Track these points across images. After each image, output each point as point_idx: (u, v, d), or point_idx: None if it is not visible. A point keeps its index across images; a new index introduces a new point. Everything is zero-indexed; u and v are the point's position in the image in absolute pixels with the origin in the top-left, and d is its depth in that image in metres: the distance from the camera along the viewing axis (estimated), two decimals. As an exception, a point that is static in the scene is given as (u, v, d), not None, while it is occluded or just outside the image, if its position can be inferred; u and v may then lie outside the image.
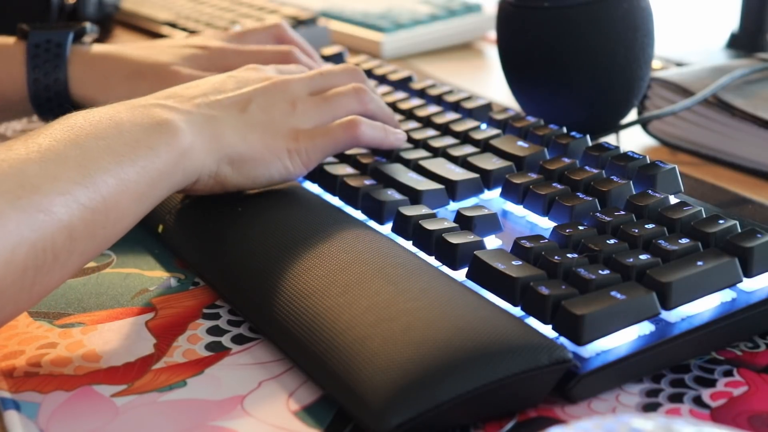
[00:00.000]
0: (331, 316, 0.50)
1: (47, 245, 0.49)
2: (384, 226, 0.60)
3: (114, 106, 0.57)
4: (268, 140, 0.61)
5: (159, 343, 0.55)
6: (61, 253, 0.50)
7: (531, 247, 0.53)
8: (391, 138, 0.65)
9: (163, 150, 0.55)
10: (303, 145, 0.62)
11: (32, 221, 0.48)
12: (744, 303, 0.51)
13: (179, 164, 0.56)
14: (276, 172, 0.62)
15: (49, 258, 0.49)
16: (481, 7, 1.16)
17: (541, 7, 0.72)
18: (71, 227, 0.50)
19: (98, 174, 0.52)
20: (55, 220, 0.49)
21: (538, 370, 0.46)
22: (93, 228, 0.51)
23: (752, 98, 0.76)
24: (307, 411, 0.49)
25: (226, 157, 0.59)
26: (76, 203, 0.50)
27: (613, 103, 0.74)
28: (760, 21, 0.94)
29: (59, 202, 0.49)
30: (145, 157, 0.54)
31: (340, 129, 0.63)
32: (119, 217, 0.53)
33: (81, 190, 0.50)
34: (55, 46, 0.76)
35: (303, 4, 1.22)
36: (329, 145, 0.63)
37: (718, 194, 0.68)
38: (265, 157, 0.61)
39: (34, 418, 0.48)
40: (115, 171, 0.52)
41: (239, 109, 0.61)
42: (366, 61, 0.87)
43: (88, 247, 0.52)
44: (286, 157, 0.62)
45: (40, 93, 0.75)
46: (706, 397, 0.49)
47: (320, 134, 0.63)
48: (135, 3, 1.27)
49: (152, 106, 0.58)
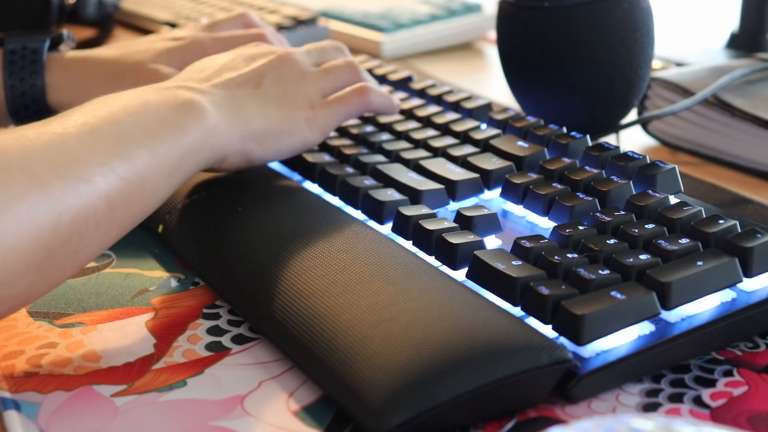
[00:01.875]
0: (331, 316, 0.50)
1: (90, 213, 0.51)
2: (384, 226, 0.60)
3: (140, 89, 0.60)
4: (287, 112, 0.64)
5: (159, 343, 0.55)
6: (102, 221, 0.52)
7: (531, 247, 0.53)
8: (395, 105, 0.70)
9: (191, 128, 0.57)
10: (320, 112, 0.65)
11: (75, 190, 0.50)
12: (744, 303, 0.50)
13: (206, 142, 0.58)
14: (297, 142, 0.64)
15: (91, 226, 0.51)
16: (481, 7, 1.16)
17: (541, 7, 0.72)
18: (110, 197, 0.52)
19: (133, 148, 0.54)
20: (96, 189, 0.51)
21: (538, 370, 0.46)
22: (130, 199, 0.53)
23: (752, 98, 0.76)
24: (307, 411, 0.49)
25: (250, 133, 0.62)
26: (114, 174, 0.52)
27: (613, 103, 0.74)
28: (760, 21, 0.94)
29: (99, 173, 0.51)
30: (174, 134, 0.56)
31: (353, 95, 0.66)
32: (153, 190, 0.55)
33: (118, 162, 0.53)
34: (31, 52, 0.76)
35: (303, 4, 1.22)
36: (344, 111, 0.66)
37: (718, 194, 0.68)
38: (286, 129, 0.64)
39: (34, 418, 0.48)
40: (149, 146, 0.55)
41: (254, 85, 0.64)
42: (366, 61, 0.87)
43: (125, 219, 0.54)
44: (305, 126, 0.64)
45: (16, 99, 0.75)
46: (706, 397, 0.49)
47: (335, 101, 0.66)
48: (135, 3, 1.27)
49: (175, 88, 0.60)
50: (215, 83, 0.63)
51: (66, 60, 0.77)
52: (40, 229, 0.48)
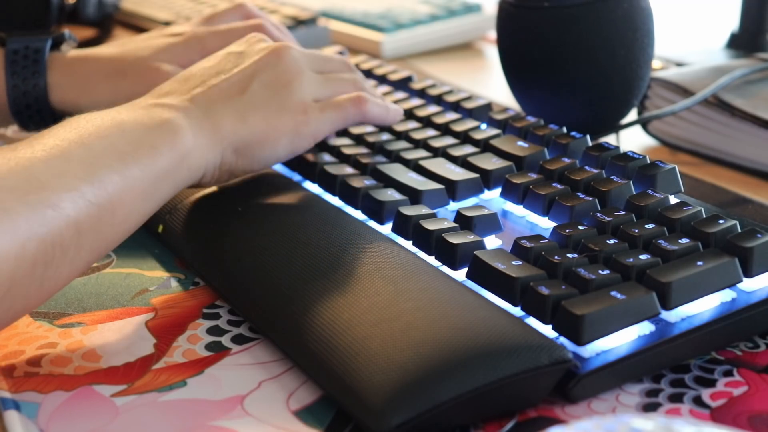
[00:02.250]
0: (331, 316, 0.50)
1: (56, 240, 0.49)
2: (384, 226, 0.60)
3: (115, 108, 0.58)
4: (272, 119, 0.61)
5: (159, 343, 0.55)
6: (70, 248, 0.50)
7: (531, 247, 0.53)
8: (392, 115, 0.68)
9: (165, 149, 0.56)
10: (312, 116, 0.63)
11: (41, 217, 0.48)
12: (744, 303, 0.50)
13: (183, 162, 0.57)
14: (282, 150, 0.62)
15: (57, 253, 0.50)
16: (481, 7, 1.16)
17: (541, 7, 0.72)
18: (79, 223, 0.50)
19: (103, 171, 0.52)
20: (63, 215, 0.49)
21: (538, 370, 0.46)
22: (100, 224, 0.52)
23: (752, 98, 0.76)
24: (307, 411, 0.49)
25: (229, 146, 0.60)
26: (82, 199, 0.51)
27: (613, 103, 0.74)
28: (760, 21, 0.94)
29: (66, 198, 0.50)
30: (148, 156, 0.55)
31: (349, 103, 0.64)
32: (126, 214, 0.53)
33: (87, 187, 0.51)
34: (33, 52, 0.75)
35: (303, 4, 1.22)
36: (339, 118, 0.64)
37: (718, 194, 0.68)
38: (270, 137, 0.61)
39: (34, 418, 0.48)
40: (120, 169, 0.53)
41: (239, 90, 0.61)
42: (366, 61, 0.87)
43: (95, 244, 0.52)
44: (293, 132, 0.62)
45: (19, 99, 0.75)
46: (706, 397, 0.49)
47: (330, 107, 0.64)
48: (135, 3, 1.27)
49: (151, 107, 0.58)
50: (195, 94, 0.60)
51: (68, 59, 0.77)
52: (3, 259, 0.47)
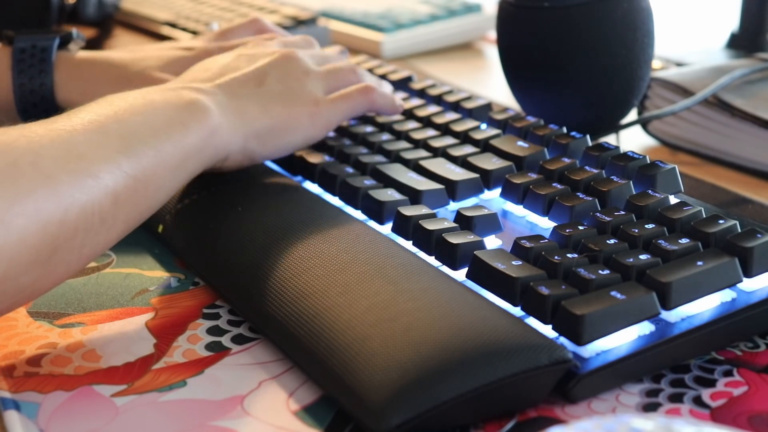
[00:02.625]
0: (331, 316, 0.50)
1: (95, 208, 0.51)
2: (384, 226, 0.60)
3: (145, 89, 0.61)
4: (290, 108, 0.65)
5: (159, 343, 0.55)
6: (108, 217, 0.52)
7: (531, 247, 0.53)
8: (397, 105, 0.72)
9: (195, 127, 0.58)
10: (323, 108, 0.66)
11: (82, 185, 0.51)
12: (744, 303, 0.50)
13: (210, 141, 0.59)
14: (300, 138, 0.66)
15: (96, 221, 0.52)
16: (481, 7, 1.16)
17: (541, 7, 0.72)
18: (116, 193, 0.53)
19: (138, 146, 0.55)
20: (102, 185, 0.52)
21: (538, 370, 0.46)
22: (135, 196, 0.54)
23: (752, 98, 0.76)
24: (307, 411, 0.49)
25: (252, 131, 0.63)
26: (120, 170, 0.53)
27: (613, 103, 0.74)
28: (760, 21, 0.94)
29: (105, 169, 0.52)
30: (179, 132, 0.57)
31: (357, 93, 0.68)
32: (157, 187, 0.56)
33: (124, 159, 0.53)
34: (40, 51, 0.76)
35: (303, 4, 1.22)
36: (349, 108, 0.68)
37: (718, 194, 0.68)
38: (289, 125, 0.65)
39: (34, 418, 0.48)
40: (154, 144, 0.56)
41: (256, 83, 0.65)
42: (366, 61, 0.87)
43: (130, 215, 0.54)
44: (308, 122, 0.66)
45: (25, 98, 0.75)
46: (706, 397, 0.49)
47: (339, 98, 0.67)
48: (135, 3, 1.27)
49: (180, 89, 0.61)
50: (218, 83, 0.64)
51: (76, 60, 0.77)
52: (47, 223, 0.49)
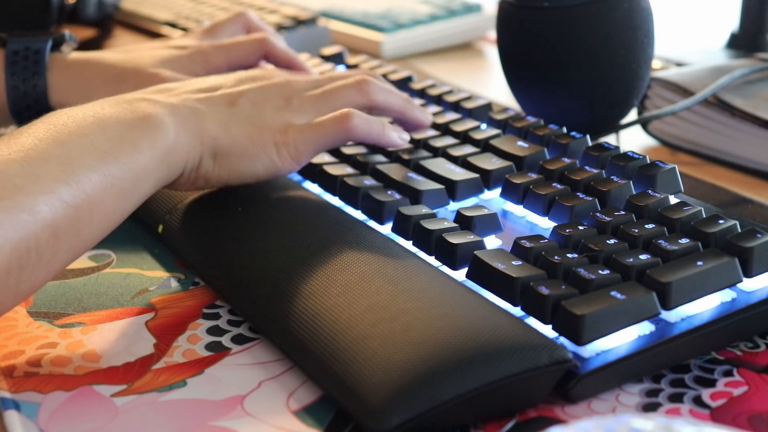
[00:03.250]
0: (331, 316, 0.50)
1: (31, 245, 0.49)
2: (384, 226, 0.60)
3: (99, 102, 0.58)
4: (254, 133, 0.60)
5: (159, 343, 0.55)
6: (46, 252, 0.50)
7: (531, 247, 0.53)
8: (390, 135, 0.63)
9: (146, 146, 0.55)
10: (292, 138, 0.61)
11: (15, 221, 0.48)
12: (744, 303, 0.51)
13: (164, 160, 0.56)
14: (261, 167, 0.61)
15: (33, 257, 0.49)
16: (481, 7, 1.16)
17: (541, 7, 0.72)
18: (55, 226, 0.50)
19: (81, 171, 0.52)
20: (39, 219, 0.49)
21: (538, 370, 0.46)
22: (77, 226, 0.51)
23: (752, 98, 0.76)
24: (307, 411, 0.49)
25: (208, 149, 0.59)
26: (59, 201, 0.50)
27: (613, 103, 0.74)
28: (760, 21, 0.94)
29: (42, 201, 0.49)
30: (128, 153, 0.54)
31: (331, 122, 0.61)
32: (104, 214, 0.53)
33: (64, 188, 0.50)
34: (33, 53, 0.75)
35: (303, 4, 1.22)
36: (319, 139, 0.61)
37: (718, 194, 0.68)
38: (249, 151, 0.60)
39: (34, 418, 0.48)
40: (99, 168, 0.52)
41: (228, 103, 0.61)
42: (366, 61, 0.87)
43: (73, 245, 0.52)
44: (273, 152, 0.60)
45: (18, 100, 0.75)
46: (706, 397, 0.49)
47: (309, 128, 0.61)
48: (135, 3, 1.27)
49: (138, 101, 0.58)
50: (185, 97, 0.60)
51: (68, 61, 0.77)
52: None
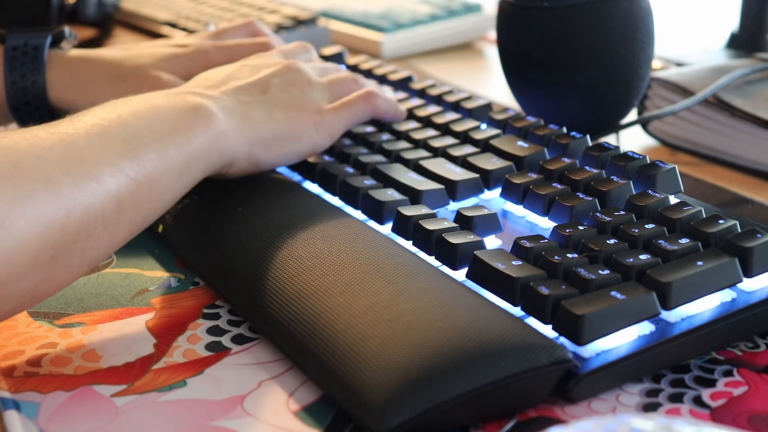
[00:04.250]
0: (331, 316, 0.50)
1: (98, 212, 0.51)
2: (384, 226, 0.60)
3: (149, 94, 0.60)
4: (294, 116, 0.65)
5: (159, 343, 0.55)
6: (110, 221, 0.52)
7: (531, 247, 0.53)
8: (401, 110, 0.72)
9: (199, 131, 0.58)
10: (328, 116, 0.66)
11: (84, 188, 0.51)
12: (744, 303, 0.51)
13: (215, 145, 0.59)
14: (305, 146, 0.65)
15: (99, 225, 0.51)
16: (481, 7, 1.16)
17: (541, 7, 0.72)
18: (119, 197, 0.52)
19: (142, 149, 0.54)
20: (105, 188, 0.52)
21: (538, 370, 0.46)
22: (138, 200, 0.54)
23: (752, 98, 0.76)
24: (307, 411, 0.49)
25: (258, 137, 0.63)
26: (123, 174, 0.53)
27: (613, 103, 0.74)
28: (760, 21, 0.94)
29: (108, 172, 0.52)
30: (183, 136, 0.57)
31: (360, 100, 0.68)
32: (161, 191, 0.56)
33: (127, 163, 0.53)
34: (32, 49, 0.75)
35: (303, 4, 1.22)
36: (352, 115, 0.68)
37: (718, 194, 0.68)
38: (294, 133, 0.65)
39: (34, 418, 0.48)
40: (158, 147, 0.55)
41: (260, 91, 0.65)
42: (366, 61, 0.87)
43: (133, 219, 0.54)
44: (313, 131, 0.65)
45: (17, 96, 0.75)
46: (706, 397, 0.49)
47: (343, 106, 0.68)
48: (135, 3, 1.27)
49: (185, 94, 0.61)
50: (223, 90, 0.64)
51: (68, 58, 0.77)
52: (48, 227, 0.49)
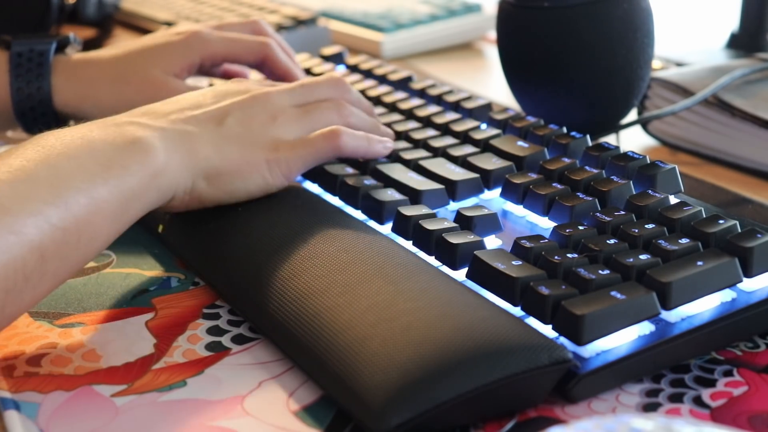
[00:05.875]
0: (331, 316, 0.50)
1: (18, 267, 0.48)
2: (384, 226, 0.60)
3: (87, 125, 0.57)
4: (245, 152, 0.60)
5: (159, 343, 0.55)
6: (33, 274, 0.49)
7: (531, 247, 0.53)
8: (375, 147, 0.65)
9: (135, 169, 0.55)
10: (283, 154, 0.61)
11: (2, 243, 0.48)
12: (744, 303, 0.51)
13: (153, 183, 0.56)
14: (254, 185, 0.61)
15: (20, 279, 0.49)
16: (481, 7, 1.16)
17: (541, 7, 0.72)
18: (42, 248, 0.49)
19: (70, 193, 0.51)
20: (26, 241, 0.49)
21: (538, 370, 0.46)
22: (65, 248, 0.51)
23: (752, 98, 0.76)
24: (307, 411, 0.49)
25: (201, 172, 0.59)
26: (47, 223, 0.50)
27: (613, 103, 0.74)
28: (760, 21, 0.94)
29: (30, 223, 0.49)
30: (117, 176, 0.54)
31: (321, 139, 0.63)
32: (92, 237, 0.52)
33: (52, 210, 0.50)
34: (37, 55, 0.76)
35: (303, 4, 1.22)
36: (310, 155, 0.63)
37: (718, 194, 0.68)
38: (242, 170, 0.60)
39: (34, 418, 0.48)
40: (87, 190, 0.52)
41: (216, 122, 0.61)
42: (366, 61, 0.87)
43: (60, 268, 0.51)
44: (265, 169, 0.61)
45: (23, 102, 0.75)
46: (706, 397, 0.49)
47: (301, 144, 0.62)
48: (135, 3, 1.27)
49: (126, 124, 0.57)
50: (173, 119, 0.60)
51: (72, 63, 0.77)
52: None
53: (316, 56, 0.90)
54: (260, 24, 0.82)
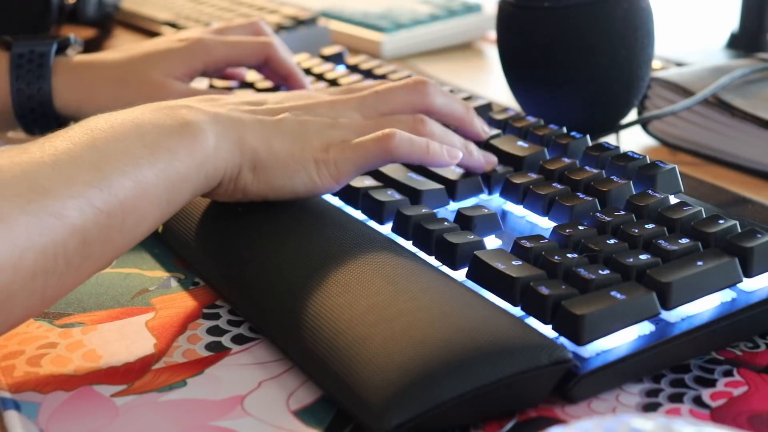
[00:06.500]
0: (331, 316, 0.50)
1: (58, 250, 0.48)
2: (384, 226, 0.60)
3: (139, 107, 0.56)
4: (294, 149, 0.58)
5: (159, 343, 0.55)
6: (74, 257, 0.49)
7: (531, 247, 0.53)
8: (435, 155, 0.60)
9: (183, 153, 0.54)
10: (332, 156, 0.59)
11: (42, 225, 0.47)
12: (744, 303, 0.51)
13: (201, 168, 0.55)
14: (300, 184, 0.59)
15: (60, 263, 0.48)
16: (481, 7, 1.16)
17: (541, 7, 0.72)
18: (85, 231, 0.49)
19: (114, 176, 0.50)
20: (68, 224, 0.48)
21: (538, 370, 0.46)
22: (108, 231, 0.50)
23: (752, 98, 0.76)
24: (307, 411, 0.49)
25: (248, 162, 0.57)
26: (90, 206, 0.49)
27: (613, 103, 0.74)
28: (760, 21, 0.94)
29: (72, 206, 0.48)
30: (164, 160, 0.53)
31: (372, 141, 0.59)
32: (137, 220, 0.52)
33: (96, 193, 0.49)
34: (38, 56, 0.76)
35: (303, 4, 1.22)
36: (361, 158, 0.59)
37: (718, 194, 0.68)
38: (289, 166, 0.58)
39: (34, 418, 0.48)
40: (133, 173, 0.51)
41: (272, 116, 0.60)
42: (366, 61, 0.86)
43: (103, 252, 0.50)
44: (313, 169, 0.59)
45: (23, 103, 0.75)
46: (706, 397, 0.49)
47: (351, 146, 0.59)
48: (135, 3, 1.27)
49: (180, 107, 0.56)
50: (230, 107, 0.59)
51: (72, 64, 0.77)
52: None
53: (316, 56, 0.90)
54: (260, 24, 0.82)
